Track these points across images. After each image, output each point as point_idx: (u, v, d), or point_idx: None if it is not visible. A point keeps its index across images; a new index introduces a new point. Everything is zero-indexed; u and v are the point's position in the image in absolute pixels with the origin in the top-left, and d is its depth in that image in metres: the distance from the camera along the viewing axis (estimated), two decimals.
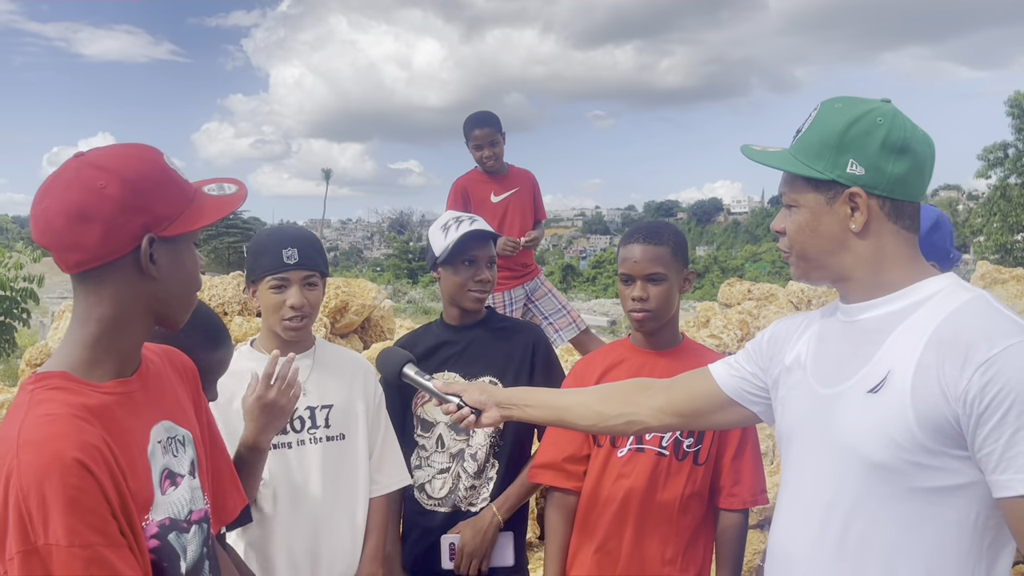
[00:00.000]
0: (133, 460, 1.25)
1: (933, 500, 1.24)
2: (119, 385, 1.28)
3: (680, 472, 2.05)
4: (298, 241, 2.11)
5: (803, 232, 1.39)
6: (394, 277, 36.40)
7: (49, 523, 1.10)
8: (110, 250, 1.22)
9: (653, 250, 2.08)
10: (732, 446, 2.09)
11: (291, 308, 2.09)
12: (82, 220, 1.20)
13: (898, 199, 1.34)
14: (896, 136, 1.33)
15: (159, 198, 1.25)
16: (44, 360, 6.50)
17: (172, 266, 1.29)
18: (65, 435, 1.15)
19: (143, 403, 1.32)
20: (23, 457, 1.12)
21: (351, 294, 5.93)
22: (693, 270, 2.15)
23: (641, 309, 2.08)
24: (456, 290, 2.37)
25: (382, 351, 2.01)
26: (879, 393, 1.28)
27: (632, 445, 2.08)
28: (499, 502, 2.31)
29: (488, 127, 4.36)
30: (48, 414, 1.17)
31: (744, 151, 1.47)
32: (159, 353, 1.45)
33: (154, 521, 1.28)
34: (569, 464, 2.14)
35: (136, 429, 1.28)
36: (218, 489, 1.56)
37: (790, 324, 1.57)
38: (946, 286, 1.32)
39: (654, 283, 2.07)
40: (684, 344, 2.18)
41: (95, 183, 1.21)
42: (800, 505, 1.40)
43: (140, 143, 1.32)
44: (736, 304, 7.27)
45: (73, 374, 1.24)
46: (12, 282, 9.75)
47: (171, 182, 1.28)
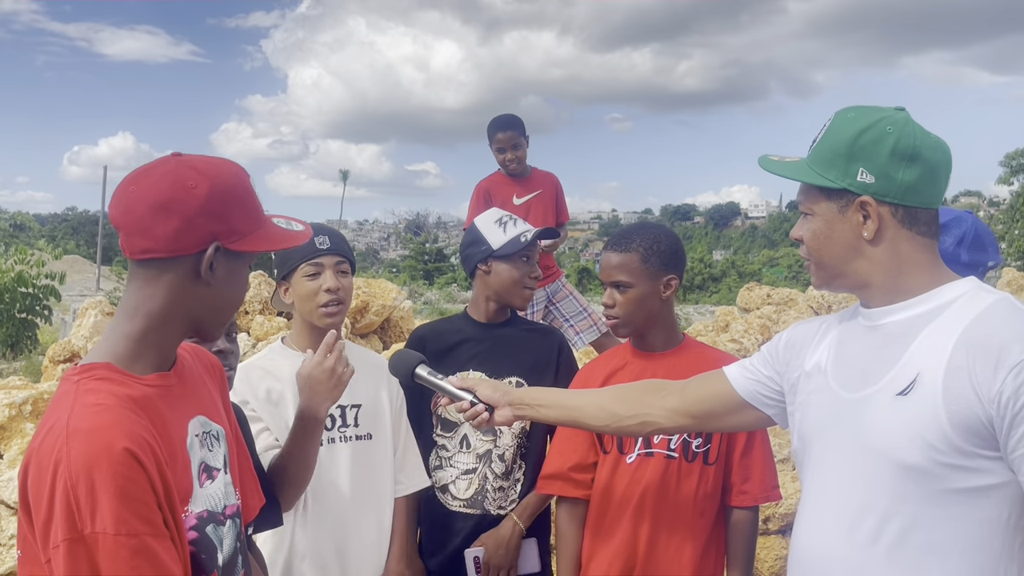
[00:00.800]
0: (174, 452, 1.27)
1: (965, 501, 1.25)
2: (159, 378, 1.30)
3: (691, 473, 2.05)
4: (327, 229, 2.18)
5: (818, 240, 1.42)
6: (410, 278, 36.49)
7: (97, 511, 1.11)
8: (179, 246, 1.26)
9: (618, 257, 2.09)
10: (741, 443, 2.08)
11: (327, 292, 2.11)
12: (164, 211, 1.25)
13: (911, 206, 1.36)
14: (905, 144, 1.34)
15: (237, 213, 1.30)
16: (67, 357, 6.56)
17: (227, 279, 1.33)
18: (115, 424, 1.17)
19: (181, 397, 1.34)
20: (73, 445, 1.14)
21: (372, 294, 5.95)
22: (674, 275, 2.11)
23: (609, 316, 2.11)
24: (510, 285, 2.38)
25: (394, 353, 2.01)
26: (909, 395, 1.28)
27: (641, 450, 2.07)
28: (519, 510, 2.31)
29: (511, 131, 4.37)
30: (97, 404, 1.19)
31: (761, 162, 1.50)
32: (190, 351, 1.48)
33: (193, 513, 1.30)
34: (576, 473, 2.14)
35: (176, 422, 1.30)
36: (243, 489, 1.57)
37: (808, 329, 1.57)
38: (969, 289, 1.34)
39: (620, 290, 2.08)
40: (685, 344, 2.17)
41: (187, 180, 1.26)
42: (828, 510, 1.39)
43: (233, 161, 1.38)
44: (755, 309, 7.23)
45: (117, 365, 1.27)
46: (35, 279, 9.86)
47: (251, 202, 1.34)
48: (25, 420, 4.77)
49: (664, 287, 2.09)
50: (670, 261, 2.10)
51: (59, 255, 10.90)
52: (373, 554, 2.16)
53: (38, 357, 9.39)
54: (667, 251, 2.10)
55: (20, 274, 9.65)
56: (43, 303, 9.97)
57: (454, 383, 1.87)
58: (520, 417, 1.86)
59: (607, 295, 2.11)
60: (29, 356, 9.72)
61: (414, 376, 1.90)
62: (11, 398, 4.80)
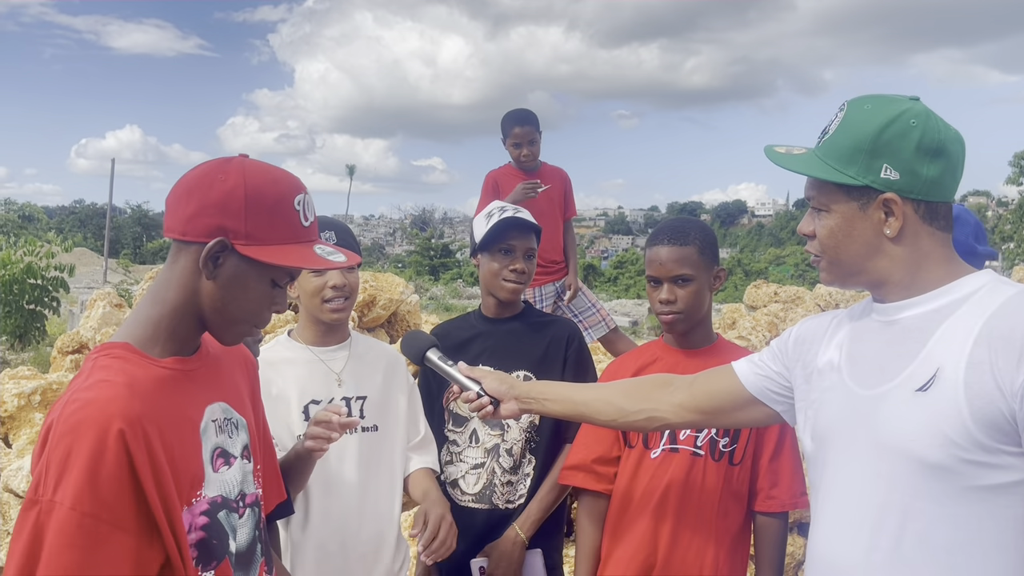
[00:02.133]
0: (183, 434, 1.28)
1: (988, 498, 1.22)
2: (178, 362, 1.32)
3: (717, 473, 2.01)
4: (334, 225, 2.15)
5: (835, 238, 1.37)
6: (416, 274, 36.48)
7: (62, 481, 1.11)
8: (188, 230, 1.29)
9: (679, 251, 2.04)
10: (770, 447, 2.05)
11: (332, 288, 2.10)
12: (187, 194, 1.30)
13: (932, 201, 1.32)
14: (931, 138, 1.30)
15: (257, 217, 1.29)
16: (76, 348, 6.59)
17: (234, 280, 1.31)
18: (111, 401, 1.18)
19: (201, 382, 1.36)
20: (66, 411, 1.17)
21: (379, 288, 5.96)
22: (723, 267, 2.12)
23: (669, 312, 2.06)
24: (491, 278, 2.37)
25: (407, 333, 2.02)
26: (929, 391, 1.25)
27: (666, 445, 2.04)
28: (521, 520, 2.29)
29: (528, 125, 4.40)
30: (103, 380, 1.22)
31: (768, 154, 1.43)
32: None
33: (206, 497, 1.30)
34: (599, 466, 2.12)
35: (189, 405, 1.31)
36: (266, 483, 1.58)
37: (818, 325, 1.54)
38: (987, 282, 1.30)
39: (681, 285, 2.04)
40: (718, 343, 2.14)
41: (222, 174, 1.30)
42: (847, 511, 1.36)
43: (293, 175, 1.37)
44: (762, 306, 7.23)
45: (135, 346, 1.29)
46: (44, 271, 9.90)
47: (284, 215, 1.32)
48: (34, 410, 4.80)
49: (715, 278, 2.10)
50: (716, 253, 2.12)
51: (69, 248, 10.94)
52: (379, 545, 2.16)
53: (46, 348, 9.43)
54: (714, 243, 2.11)
55: (29, 265, 9.70)
56: (52, 295, 10.02)
57: (463, 371, 1.87)
58: (526, 411, 1.85)
59: (667, 290, 2.04)
60: (37, 347, 9.77)
61: (424, 359, 1.91)
62: (20, 388, 4.83)
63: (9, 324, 9.71)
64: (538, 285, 4.49)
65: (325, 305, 2.12)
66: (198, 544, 1.27)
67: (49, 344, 9.49)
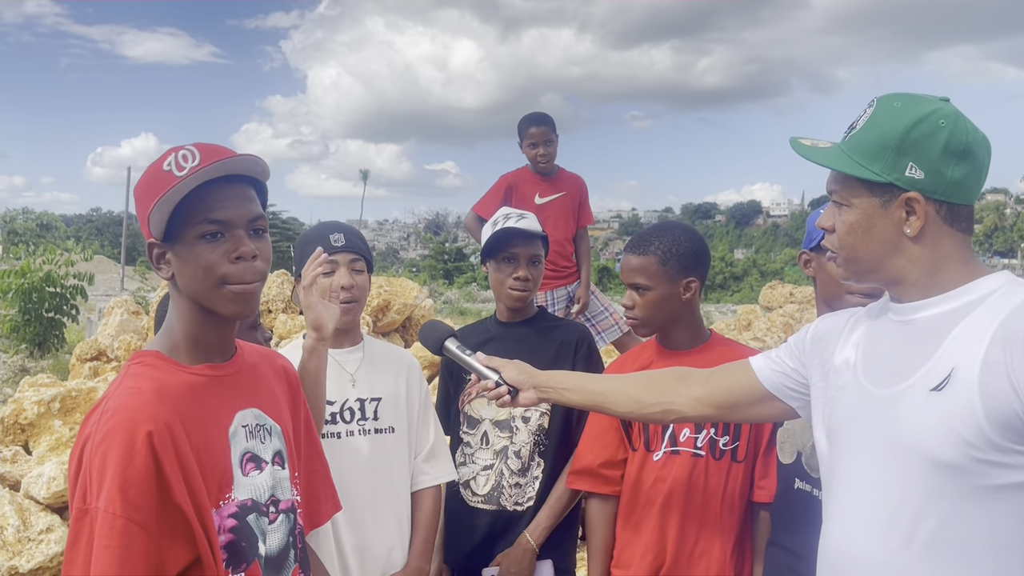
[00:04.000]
0: (210, 438, 1.31)
1: (1002, 497, 1.22)
2: (209, 368, 1.37)
3: (719, 471, 2.05)
4: (344, 228, 2.19)
5: (854, 234, 1.37)
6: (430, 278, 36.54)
7: (102, 487, 1.17)
8: (149, 253, 1.37)
9: (636, 260, 2.10)
10: (765, 440, 2.08)
11: (341, 289, 2.12)
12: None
13: (955, 203, 1.32)
14: (958, 140, 1.30)
15: (146, 205, 1.33)
16: (94, 355, 6.65)
17: (178, 264, 1.34)
18: (140, 407, 1.23)
19: (233, 388, 1.39)
20: (100, 422, 1.23)
21: (393, 293, 5.98)
22: (694, 279, 2.11)
23: (629, 317, 2.14)
24: (498, 286, 2.41)
25: (426, 323, 2.04)
26: (944, 391, 1.25)
27: (667, 448, 2.07)
28: (532, 527, 2.30)
29: (544, 126, 4.44)
30: (132, 387, 1.27)
31: (793, 145, 1.43)
32: (261, 353, 1.54)
33: (235, 500, 1.33)
34: (605, 469, 2.15)
35: (219, 410, 1.35)
36: (312, 492, 1.61)
37: (835, 323, 1.54)
38: (1004, 283, 1.30)
39: (641, 293, 2.09)
40: (712, 341, 2.17)
41: None
42: (860, 509, 1.36)
43: (173, 146, 1.35)
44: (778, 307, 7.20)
45: (166, 355, 1.35)
46: (63, 279, 9.99)
47: (156, 185, 1.30)
48: (54, 417, 4.85)
49: (684, 289, 2.09)
50: (690, 263, 2.10)
51: (89, 256, 11.04)
52: (392, 547, 2.17)
53: (65, 356, 9.51)
54: (687, 254, 2.09)
55: (48, 274, 9.80)
56: (71, 303, 10.12)
57: (481, 360, 1.88)
58: (544, 399, 1.86)
59: (627, 296, 2.13)
60: (56, 355, 9.86)
61: (443, 348, 1.93)
62: (40, 395, 4.88)
63: (28, 332, 9.80)
64: (550, 289, 4.50)
65: None
66: (227, 546, 1.30)
67: (68, 352, 9.57)
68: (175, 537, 1.22)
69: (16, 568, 3.97)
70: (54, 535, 4.13)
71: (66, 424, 4.85)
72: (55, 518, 4.24)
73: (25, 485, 4.38)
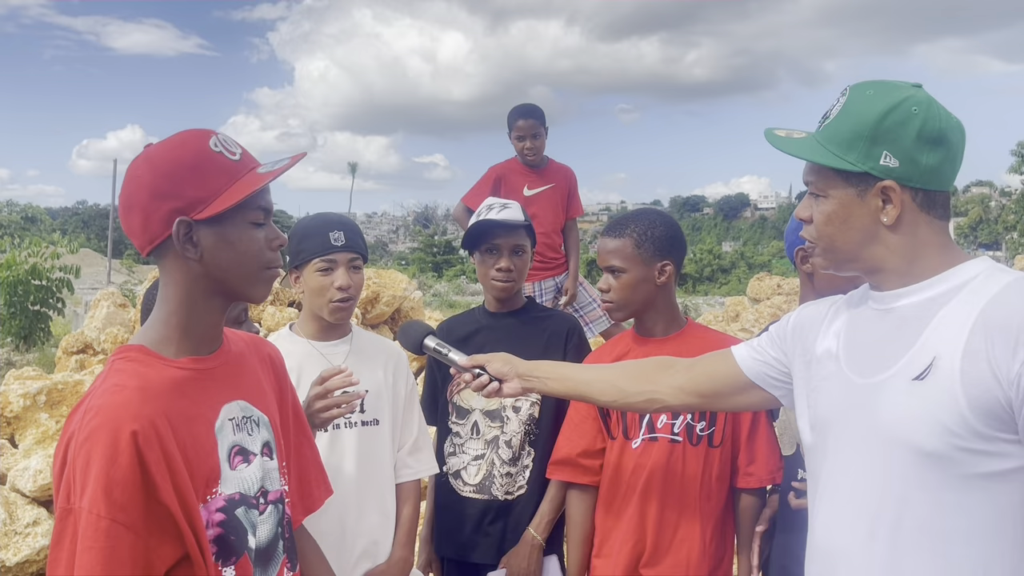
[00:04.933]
0: (197, 433, 1.29)
1: (985, 485, 1.23)
2: (194, 362, 1.34)
3: (697, 457, 2.07)
4: (343, 225, 2.17)
5: (832, 224, 1.36)
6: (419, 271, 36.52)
7: (85, 487, 1.16)
8: (151, 235, 1.31)
9: (611, 242, 2.13)
10: (746, 426, 2.10)
11: (339, 289, 2.12)
12: (128, 209, 1.32)
13: (931, 189, 1.32)
14: (932, 126, 1.30)
15: (192, 182, 1.29)
16: (81, 348, 6.62)
17: (219, 245, 1.32)
18: (124, 405, 1.21)
19: (219, 381, 1.37)
20: (84, 421, 1.20)
21: (382, 285, 5.98)
22: (669, 262, 2.12)
23: (605, 300, 2.16)
24: (483, 277, 2.42)
25: (403, 324, 2.03)
26: (925, 380, 1.25)
27: (645, 435, 2.09)
28: (535, 522, 2.30)
29: (532, 119, 4.40)
30: (116, 384, 1.24)
31: (768, 137, 1.43)
32: (247, 340, 1.51)
33: (222, 495, 1.31)
34: (584, 459, 2.17)
35: (205, 404, 1.33)
36: (303, 478, 1.60)
37: (815, 312, 1.54)
38: (984, 269, 1.30)
39: (616, 276, 2.11)
40: (688, 328, 2.18)
41: (135, 172, 1.32)
42: (845, 499, 1.36)
43: (196, 128, 1.37)
44: (766, 299, 7.23)
45: (150, 348, 1.32)
46: (48, 272, 9.94)
47: (210, 165, 1.31)
48: (40, 410, 4.83)
49: (659, 273, 2.11)
50: (665, 247, 2.11)
51: (75, 249, 10.98)
52: (377, 539, 2.18)
53: (51, 349, 9.46)
54: (662, 237, 2.11)
55: (34, 266, 9.74)
56: (56, 296, 10.06)
57: (464, 362, 1.88)
58: (529, 390, 1.86)
59: (603, 280, 2.15)
60: (42, 348, 9.80)
61: (422, 346, 1.92)
62: (26, 388, 4.85)
63: (14, 326, 9.75)
64: (538, 280, 4.50)
65: (330, 305, 2.14)
66: (216, 540, 1.29)
67: (54, 345, 9.53)
68: (162, 535, 1.22)
69: (2, 561, 3.95)
70: (40, 528, 4.12)
71: (52, 417, 4.82)
72: (42, 511, 4.22)
73: (11, 478, 4.36)
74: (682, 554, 2.06)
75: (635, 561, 2.08)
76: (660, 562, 2.07)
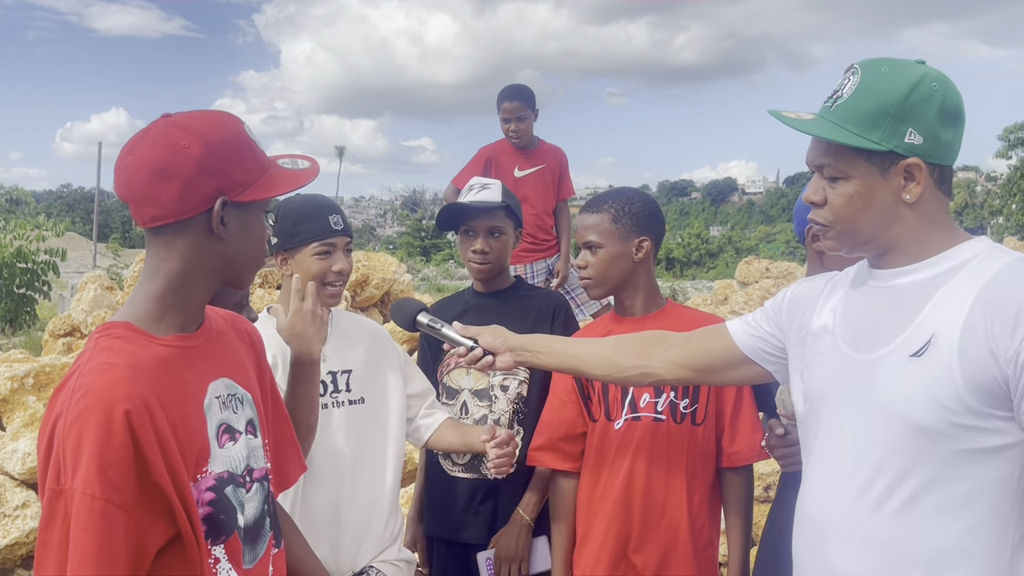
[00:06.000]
0: (187, 412, 1.28)
1: (978, 461, 1.25)
2: (180, 339, 1.33)
3: (680, 435, 2.06)
4: (337, 208, 2.18)
5: (852, 205, 1.34)
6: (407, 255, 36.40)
7: (77, 468, 1.14)
8: (185, 208, 1.28)
9: (589, 218, 2.13)
10: (729, 404, 2.10)
11: (336, 273, 2.12)
12: (163, 176, 1.26)
13: (945, 165, 1.34)
14: (951, 102, 1.31)
15: (236, 164, 1.30)
16: (67, 331, 6.58)
17: (241, 230, 1.34)
18: (115, 384, 1.19)
19: (204, 359, 1.36)
20: (72, 400, 1.18)
21: (371, 268, 5.97)
22: (646, 238, 2.13)
23: (582, 276, 2.15)
24: (464, 260, 2.43)
25: (395, 303, 2.03)
26: (923, 357, 1.27)
27: (628, 415, 2.08)
28: (524, 503, 2.31)
29: (517, 101, 4.39)
30: (105, 362, 1.22)
31: (778, 117, 1.41)
32: (225, 317, 1.50)
33: (212, 473, 1.31)
34: (565, 444, 2.16)
35: (193, 382, 1.32)
36: (279, 454, 1.60)
37: (811, 288, 1.55)
38: (983, 249, 1.32)
39: (593, 251, 2.11)
40: (667, 308, 2.18)
41: (179, 142, 1.27)
42: (837, 472, 1.38)
43: (224, 111, 1.37)
44: (754, 282, 7.27)
45: (137, 325, 1.30)
46: (34, 255, 9.86)
47: (249, 151, 1.33)
48: (27, 393, 4.80)
49: (636, 249, 2.11)
50: (643, 223, 2.12)
51: (60, 232, 10.89)
52: (371, 515, 2.19)
53: (37, 332, 9.40)
54: (639, 213, 2.12)
55: (19, 249, 9.66)
56: (42, 279, 9.98)
57: (458, 330, 1.89)
58: (521, 363, 1.87)
59: (580, 256, 2.15)
60: (28, 331, 9.73)
61: (415, 323, 1.93)
62: (13, 371, 4.83)
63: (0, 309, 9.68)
64: (529, 262, 4.51)
65: (325, 289, 2.13)
66: (206, 519, 1.29)
67: (40, 328, 9.46)
68: (154, 515, 1.21)
69: None
70: (30, 511, 4.11)
71: (40, 400, 4.80)
72: (31, 494, 4.21)
73: (0, 461, 4.35)
74: (669, 535, 2.05)
75: (622, 546, 2.07)
76: (647, 545, 2.06)
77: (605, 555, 2.07)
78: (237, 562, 1.34)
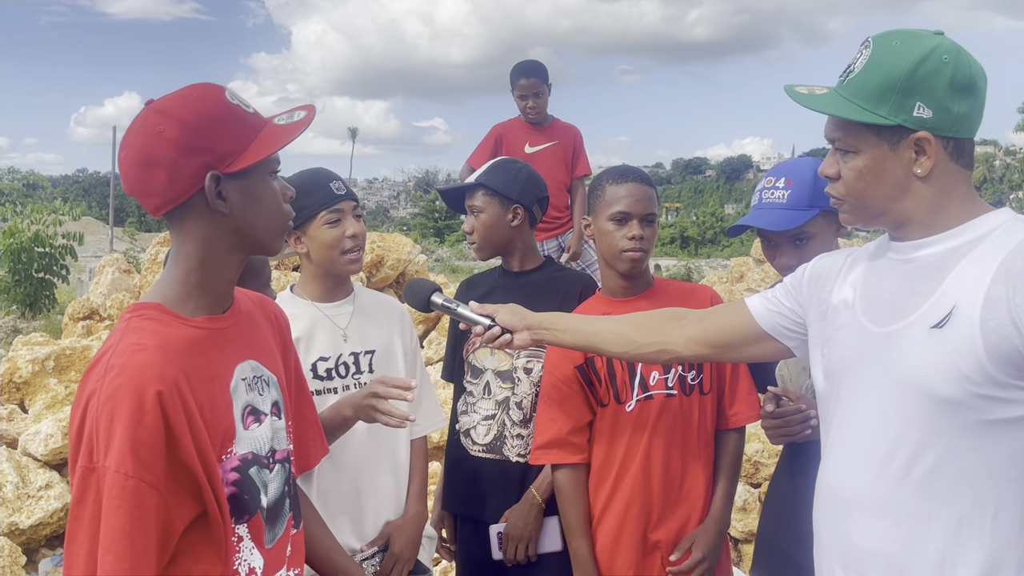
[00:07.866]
0: (214, 393, 1.30)
1: (999, 432, 1.25)
2: (209, 321, 1.34)
3: (692, 406, 2.06)
4: (337, 176, 2.16)
5: (863, 179, 1.35)
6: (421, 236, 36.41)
7: (110, 446, 1.16)
8: (178, 191, 1.28)
9: (649, 191, 2.10)
10: (728, 368, 2.11)
11: (351, 238, 2.10)
12: (149, 166, 1.27)
13: (961, 138, 1.32)
14: (963, 74, 1.29)
15: (220, 135, 1.28)
16: (87, 314, 6.64)
17: (246, 199, 1.32)
18: (147, 365, 1.21)
19: (232, 340, 1.37)
20: (106, 380, 1.20)
21: (386, 249, 5.98)
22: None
23: (639, 248, 2.05)
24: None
25: (408, 283, 2.02)
26: (944, 328, 1.26)
27: (639, 396, 2.05)
28: (537, 483, 2.29)
29: (534, 77, 4.37)
30: (137, 343, 1.24)
31: (789, 93, 1.41)
32: (253, 299, 1.51)
33: (236, 454, 1.33)
34: (574, 436, 2.10)
35: (221, 364, 1.33)
36: (301, 437, 1.61)
37: (832, 262, 1.54)
38: (1005, 220, 1.31)
39: (649, 223, 2.08)
40: (657, 285, 2.17)
41: (155, 128, 1.27)
42: (858, 443, 1.38)
43: (205, 82, 1.34)
44: None
45: (167, 307, 1.31)
46: (51, 239, 9.93)
47: (232, 118, 1.30)
48: (48, 375, 4.86)
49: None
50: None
51: (77, 216, 10.96)
52: (391, 496, 2.20)
53: (57, 316, 9.50)
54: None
55: (37, 234, 9.73)
56: (60, 263, 10.07)
57: (475, 309, 1.88)
58: (538, 341, 1.86)
59: (637, 227, 2.08)
60: (48, 315, 9.83)
61: (430, 303, 1.92)
62: (34, 354, 4.89)
63: (19, 293, 9.76)
64: (540, 240, 4.49)
65: (344, 257, 2.11)
66: (230, 499, 1.31)
67: (59, 312, 9.56)
68: (182, 494, 1.23)
69: (16, 524, 4.01)
70: (53, 491, 4.17)
71: (61, 382, 4.86)
72: (53, 475, 4.27)
73: (23, 443, 4.41)
74: (688, 508, 2.06)
75: (643, 525, 2.04)
76: (667, 521, 2.05)
77: (626, 535, 2.05)
78: (259, 541, 1.36)
